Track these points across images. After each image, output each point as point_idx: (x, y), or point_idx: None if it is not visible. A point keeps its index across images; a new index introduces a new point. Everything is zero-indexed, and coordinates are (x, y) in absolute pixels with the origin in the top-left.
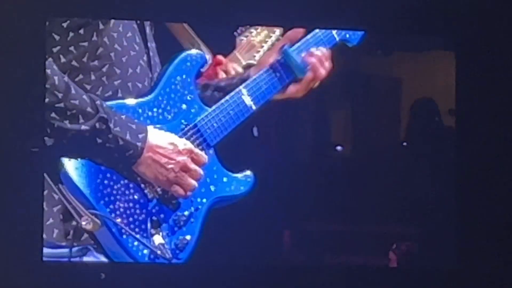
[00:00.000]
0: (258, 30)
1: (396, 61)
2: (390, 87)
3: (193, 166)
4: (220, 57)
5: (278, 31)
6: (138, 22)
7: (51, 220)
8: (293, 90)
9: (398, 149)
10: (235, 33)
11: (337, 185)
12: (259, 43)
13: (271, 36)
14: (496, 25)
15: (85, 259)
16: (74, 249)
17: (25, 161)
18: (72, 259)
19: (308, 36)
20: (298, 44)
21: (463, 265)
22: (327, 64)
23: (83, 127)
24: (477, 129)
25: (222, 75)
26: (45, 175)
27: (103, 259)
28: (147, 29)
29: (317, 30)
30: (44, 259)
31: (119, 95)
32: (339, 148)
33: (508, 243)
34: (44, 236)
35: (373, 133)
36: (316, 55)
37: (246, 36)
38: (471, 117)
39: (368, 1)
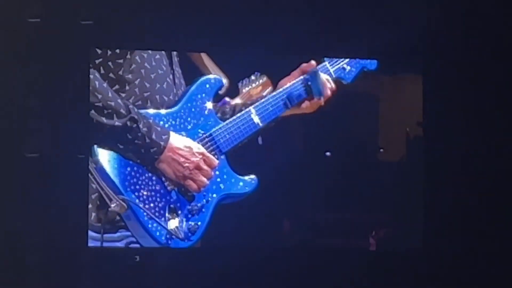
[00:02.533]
0: (257, 84)
1: (374, 82)
2: (369, 103)
3: (205, 166)
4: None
5: (270, 87)
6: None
7: (89, 206)
8: (305, 106)
9: (376, 153)
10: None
11: (326, 182)
12: (256, 94)
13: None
14: (454, 55)
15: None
16: (116, 235)
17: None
18: (111, 244)
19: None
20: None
21: (428, 247)
22: (330, 93)
23: (116, 123)
24: (440, 137)
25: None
26: (90, 168)
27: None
28: (173, 54)
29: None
30: (90, 244)
31: (148, 104)
32: (328, 153)
33: (461, 227)
34: None
35: (356, 141)
36: (330, 87)
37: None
38: (435, 128)
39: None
